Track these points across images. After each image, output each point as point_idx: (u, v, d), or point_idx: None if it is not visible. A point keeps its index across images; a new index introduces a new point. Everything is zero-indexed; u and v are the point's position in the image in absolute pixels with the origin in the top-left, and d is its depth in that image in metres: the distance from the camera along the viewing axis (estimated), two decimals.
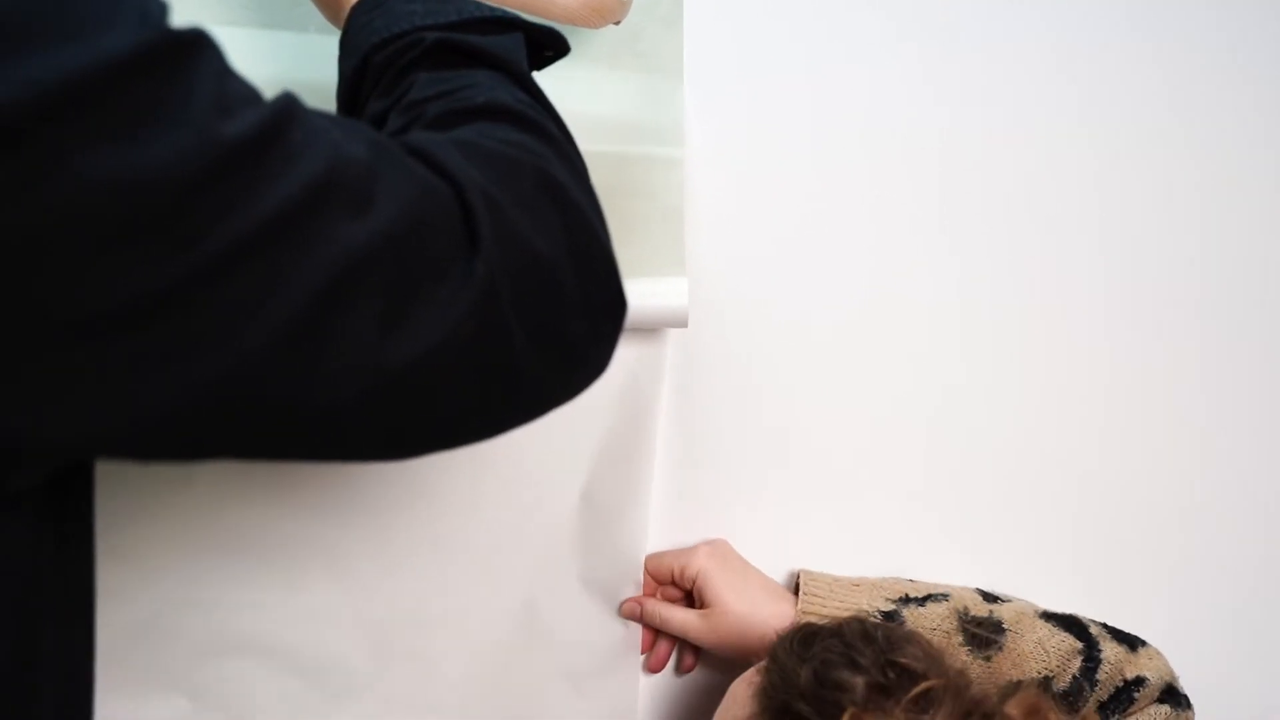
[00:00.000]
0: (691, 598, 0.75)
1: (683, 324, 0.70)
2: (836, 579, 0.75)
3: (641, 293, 0.68)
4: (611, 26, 0.67)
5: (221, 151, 0.32)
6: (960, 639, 0.71)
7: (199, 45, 0.34)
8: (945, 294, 0.83)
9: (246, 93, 0.35)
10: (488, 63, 0.49)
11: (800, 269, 0.80)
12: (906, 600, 0.73)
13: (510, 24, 0.52)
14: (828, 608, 0.72)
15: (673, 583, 0.75)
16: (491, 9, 0.52)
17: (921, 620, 0.72)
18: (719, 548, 0.75)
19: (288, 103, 0.36)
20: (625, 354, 0.68)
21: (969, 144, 0.82)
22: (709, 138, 0.77)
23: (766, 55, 0.79)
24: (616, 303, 0.46)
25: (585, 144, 0.68)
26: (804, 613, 0.71)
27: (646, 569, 0.75)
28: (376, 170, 0.38)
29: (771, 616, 0.70)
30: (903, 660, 0.57)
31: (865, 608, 0.72)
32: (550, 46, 0.56)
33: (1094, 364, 0.85)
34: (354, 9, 0.52)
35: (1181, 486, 0.86)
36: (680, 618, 0.73)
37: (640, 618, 0.74)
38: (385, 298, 0.37)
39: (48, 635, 0.40)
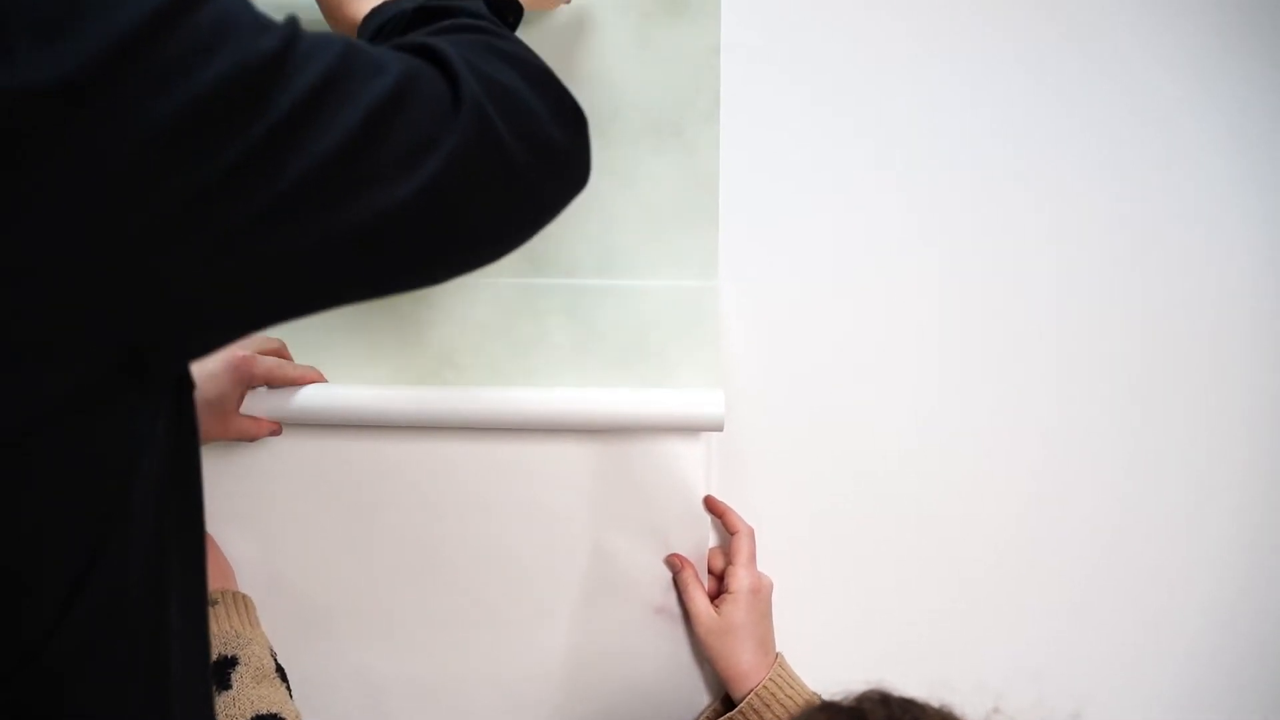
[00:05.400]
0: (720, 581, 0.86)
1: (719, 428, 0.81)
2: (795, 683, 0.81)
3: (685, 401, 0.81)
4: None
5: (264, 60, 0.41)
6: None
7: None
8: (955, 401, 0.90)
9: (266, 19, 0.44)
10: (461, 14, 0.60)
11: (828, 378, 0.89)
12: None
13: None
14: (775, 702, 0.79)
15: (710, 572, 0.86)
16: None
17: None
18: (762, 589, 0.84)
19: (294, 22, 0.45)
20: (672, 451, 0.82)
21: (984, 274, 0.90)
22: (742, 267, 0.88)
23: (797, 194, 0.89)
24: (576, 112, 0.57)
25: (626, 280, 0.81)
26: (758, 690, 0.79)
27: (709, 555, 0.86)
28: (376, 52, 0.48)
29: (750, 669, 0.81)
30: None
31: None
32: (510, 12, 0.66)
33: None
34: (361, 23, 0.63)
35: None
36: (699, 600, 0.83)
37: (675, 571, 0.85)
38: (406, 129, 0.46)
39: (172, 522, 0.48)
